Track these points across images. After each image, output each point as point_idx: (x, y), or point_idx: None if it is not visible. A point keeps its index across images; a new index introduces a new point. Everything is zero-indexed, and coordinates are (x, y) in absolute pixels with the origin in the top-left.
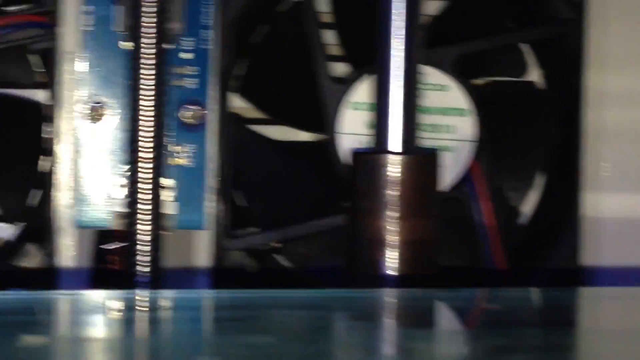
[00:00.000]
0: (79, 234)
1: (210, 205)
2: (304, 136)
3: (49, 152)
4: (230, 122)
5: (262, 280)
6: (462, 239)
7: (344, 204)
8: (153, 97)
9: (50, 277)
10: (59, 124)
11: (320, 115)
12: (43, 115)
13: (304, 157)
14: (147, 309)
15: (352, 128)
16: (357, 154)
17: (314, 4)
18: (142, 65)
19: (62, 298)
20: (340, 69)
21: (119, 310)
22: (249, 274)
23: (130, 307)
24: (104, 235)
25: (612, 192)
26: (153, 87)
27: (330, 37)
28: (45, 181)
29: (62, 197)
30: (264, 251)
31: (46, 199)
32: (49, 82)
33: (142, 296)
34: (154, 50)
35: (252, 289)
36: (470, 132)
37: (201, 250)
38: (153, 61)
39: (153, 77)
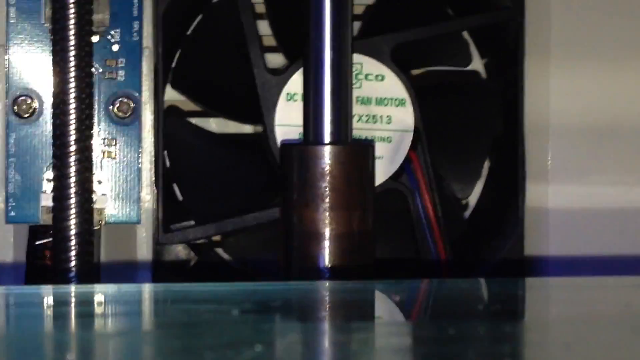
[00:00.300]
0: (10, 230)
1: (146, 199)
2: (241, 128)
3: None
4: (165, 115)
5: (203, 275)
6: (403, 231)
7: (279, 196)
8: (80, 90)
9: None
10: None
11: (256, 107)
12: None
13: (241, 150)
14: (75, 303)
15: (288, 119)
16: (285, 146)
17: None
18: (68, 58)
19: None
20: (275, 60)
21: (49, 305)
22: (187, 268)
23: (60, 302)
24: (36, 230)
25: (556, 182)
26: (80, 79)
27: (264, 28)
28: None
29: None
30: (203, 245)
31: None
32: None
33: (72, 291)
34: (79, 42)
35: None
36: (410, 122)
37: (139, 245)
38: (79, 53)
39: (80, 69)
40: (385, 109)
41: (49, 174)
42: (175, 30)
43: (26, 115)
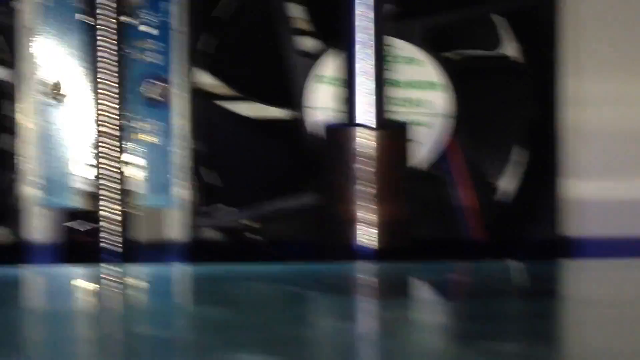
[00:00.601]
0: (46, 214)
1: (179, 183)
2: (274, 112)
3: (11, 130)
4: (198, 99)
5: (236, 256)
6: (439, 215)
7: (314, 180)
8: (113, 72)
9: (17, 253)
10: (22, 102)
11: (288, 91)
12: (4, 93)
13: (273, 133)
14: (115, 282)
15: (321, 102)
16: (329, 128)
17: None
18: (100, 39)
19: (32, 272)
20: (308, 43)
21: (89, 283)
22: (221, 250)
23: (99, 280)
24: (71, 214)
25: (591, 174)
26: (113, 61)
27: (297, 11)
28: (7, 160)
29: (26, 177)
30: (236, 229)
31: (9, 178)
32: (9, 59)
33: (111, 270)
34: (112, 24)
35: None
36: (444, 106)
37: (173, 228)
38: (112, 35)
39: (113, 51)
40: (419, 93)
41: (83, 158)
42: (208, 13)
43: (56, 100)
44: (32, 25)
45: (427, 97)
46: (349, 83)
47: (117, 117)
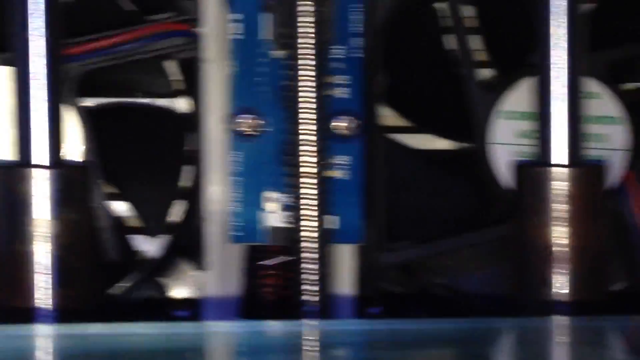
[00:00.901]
0: (230, 249)
1: (362, 218)
2: (446, 145)
3: (194, 162)
4: (380, 132)
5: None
6: (618, 255)
7: (499, 215)
8: (314, 109)
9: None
10: (206, 134)
11: (469, 124)
12: (187, 125)
13: (452, 167)
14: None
15: (503, 137)
16: (521, 166)
17: (459, 10)
18: (301, 76)
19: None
20: (486, 74)
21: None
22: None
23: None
24: (257, 250)
25: None
26: (314, 97)
27: (478, 43)
28: (190, 193)
29: (211, 210)
30: (415, 265)
31: (192, 212)
32: (193, 91)
33: (312, 328)
34: (313, 60)
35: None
36: (623, 140)
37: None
38: (313, 71)
39: (314, 87)
40: (598, 127)
41: (272, 193)
42: (389, 46)
43: (249, 133)
44: (218, 57)
45: (606, 131)
46: (542, 118)
47: (316, 154)
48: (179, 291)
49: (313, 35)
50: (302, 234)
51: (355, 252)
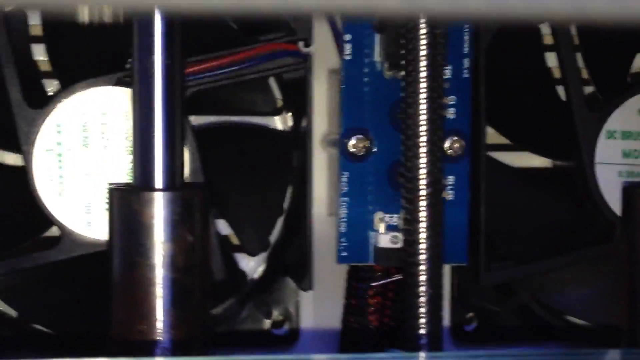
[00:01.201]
0: (335, 270)
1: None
2: (545, 162)
3: (299, 181)
4: (484, 152)
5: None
6: None
7: (601, 235)
8: (429, 130)
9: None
10: (313, 154)
11: (571, 142)
12: (292, 144)
13: (546, 185)
14: None
15: (607, 157)
16: (630, 188)
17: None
18: (422, 98)
19: None
20: (592, 93)
21: None
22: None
23: None
24: (363, 271)
25: None
26: (429, 118)
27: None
28: (294, 212)
29: (317, 229)
30: (515, 284)
31: (296, 232)
32: (301, 110)
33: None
34: (428, 81)
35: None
36: None
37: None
38: (428, 92)
39: (434, 109)
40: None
41: (381, 214)
42: (494, 65)
43: (360, 154)
44: (330, 77)
45: None
46: None
47: (438, 173)
48: (279, 310)
49: (428, 56)
50: (418, 256)
51: (454, 272)
